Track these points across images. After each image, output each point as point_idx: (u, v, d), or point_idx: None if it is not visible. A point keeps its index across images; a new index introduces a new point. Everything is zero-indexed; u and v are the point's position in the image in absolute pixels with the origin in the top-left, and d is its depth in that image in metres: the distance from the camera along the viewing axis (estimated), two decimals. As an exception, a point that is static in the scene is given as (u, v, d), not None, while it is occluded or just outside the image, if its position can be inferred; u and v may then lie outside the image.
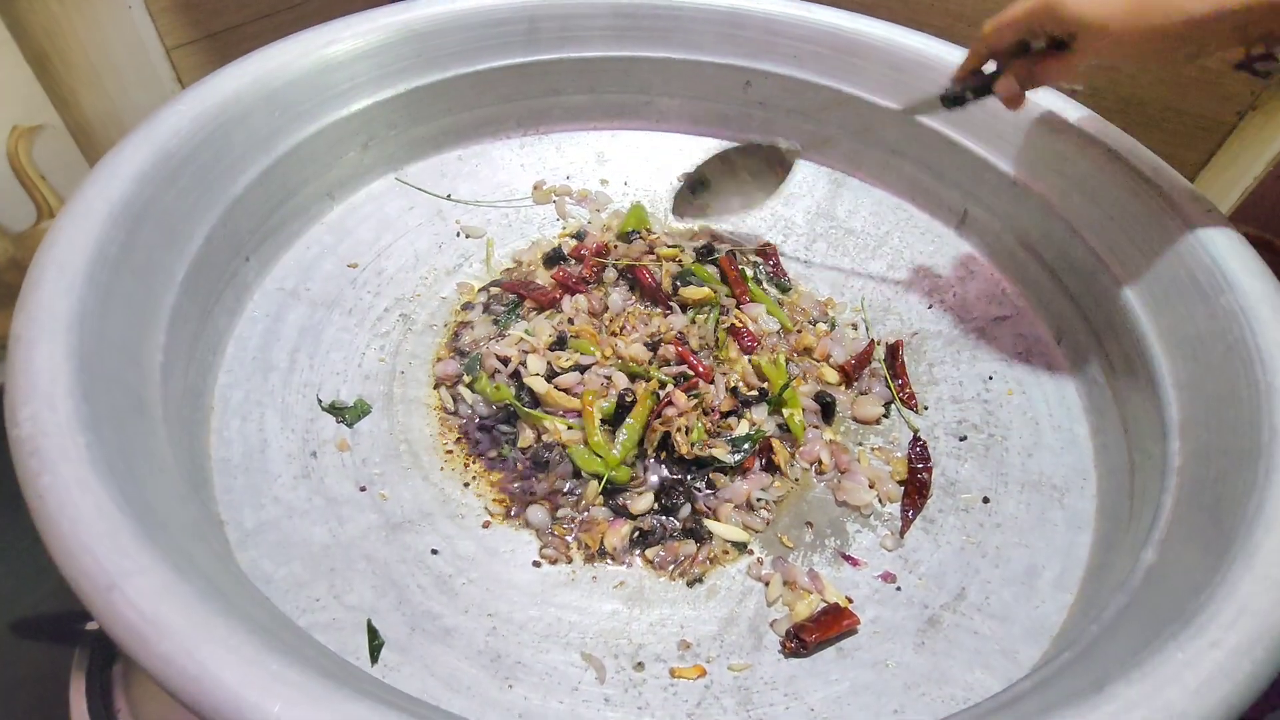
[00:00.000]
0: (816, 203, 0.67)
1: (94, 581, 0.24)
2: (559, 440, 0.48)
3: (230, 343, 0.50)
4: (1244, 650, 0.25)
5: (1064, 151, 0.55)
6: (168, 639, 0.23)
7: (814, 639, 0.41)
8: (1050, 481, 0.48)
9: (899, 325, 0.59)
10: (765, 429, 0.50)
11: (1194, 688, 0.24)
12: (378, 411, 0.50)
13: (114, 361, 0.35)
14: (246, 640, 0.24)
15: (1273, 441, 0.33)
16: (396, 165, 0.64)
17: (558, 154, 0.69)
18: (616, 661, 0.40)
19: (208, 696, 0.22)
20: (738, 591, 0.44)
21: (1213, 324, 0.41)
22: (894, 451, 0.51)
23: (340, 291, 0.56)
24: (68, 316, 0.34)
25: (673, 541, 0.46)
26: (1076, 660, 0.30)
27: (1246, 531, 0.29)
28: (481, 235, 0.63)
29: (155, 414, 0.36)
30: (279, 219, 0.55)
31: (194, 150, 0.46)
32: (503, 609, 0.42)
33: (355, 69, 0.57)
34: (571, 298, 0.56)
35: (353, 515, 0.44)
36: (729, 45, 0.65)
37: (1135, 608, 0.31)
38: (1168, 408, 0.42)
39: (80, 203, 0.39)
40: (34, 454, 0.27)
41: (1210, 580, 0.28)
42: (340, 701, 0.22)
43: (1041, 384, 0.54)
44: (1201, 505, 0.35)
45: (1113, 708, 0.23)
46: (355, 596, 0.40)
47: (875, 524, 0.48)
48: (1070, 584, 0.42)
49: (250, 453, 0.45)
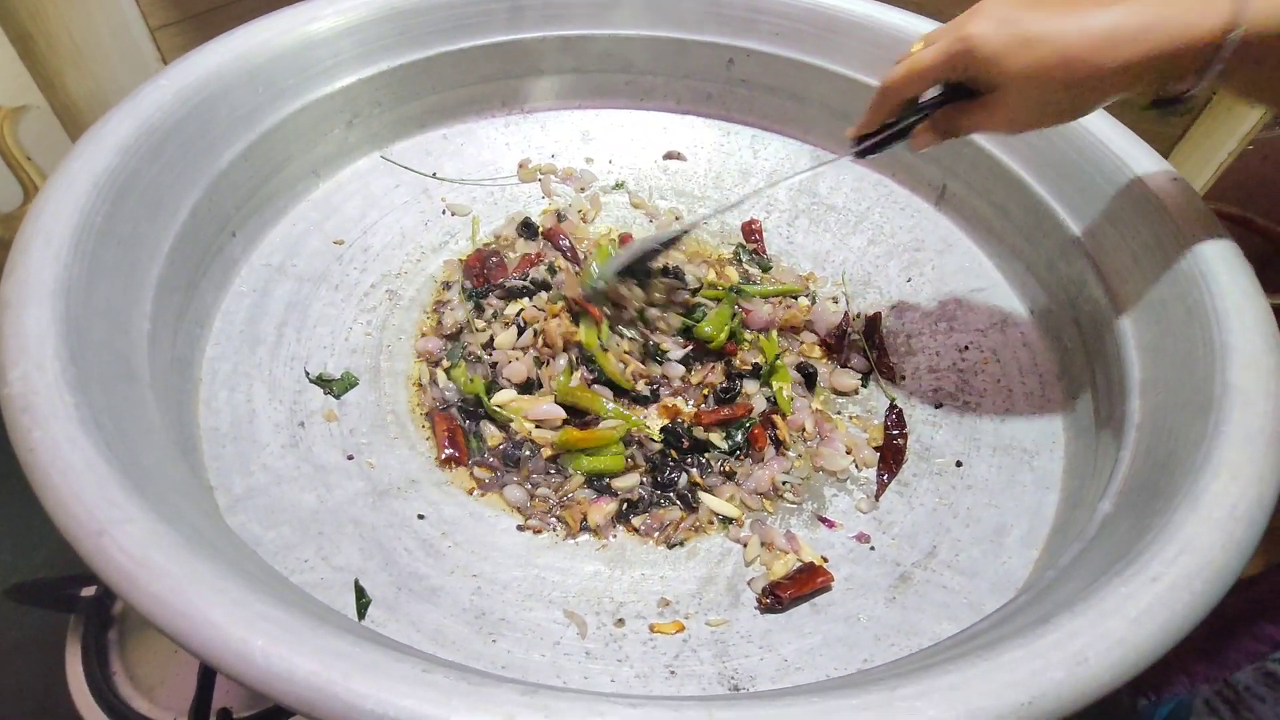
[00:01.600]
0: (799, 179, 0.68)
1: (84, 528, 0.25)
2: (528, 437, 0.48)
3: (218, 316, 0.51)
4: (1183, 584, 0.26)
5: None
6: (156, 580, 0.24)
7: (789, 595, 0.42)
8: (1021, 445, 0.50)
9: (878, 298, 0.60)
10: (755, 403, 0.51)
11: (1133, 617, 0.25)
12: (365, 384, 0.51)
13: (101, 328, 0.36)
14: (232, 582, 0.25)
15: (1224, 396, 0.34)
16: (382, 143, 0.64)
17: (542, 132, 0.69)
18: (598, 618, 0.41)
19: (196, 633, 0.23)
20: (716, 553, 0.46)
21: (1175, 288, 0.43)
22: (871, 419, 0.53)
23: (327, 267, 0.57)
24: (54, 283, 0.34)
25: (659, 509, 0.47)
26: (1030, 603, 0.31)
27: (1194, 478, 0.31)
28: (467, 213, 0.63)
29: (143, 380, 0.37)
30: (264, 195, 0.56)
31: (177, 124, 0.47)
32: (487, 570, 0.43)
33: (338, 46, 0.57)
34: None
35: (340, 482, 0.45)
36: (712, 23, 0.65)
37: (1088, 553, 0.33)
38: (1131, 369, 0.43)
39: (64, 174, 0.40)
40: (25, 411, 0.28)
41: (1157, 523, 0.29)
42: (322, 637, 0.24)
43: (1015, 352, 0.55)
44: (1156, 459, 0.36)
45: (1056, 636, 0.25)
46: (343, 558, 0.41)
47: (851, 488, 0.49)
48: (1037, 541, 0.43)
49: (239, 422, 0.46)
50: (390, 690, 0.22)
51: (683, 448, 0.49)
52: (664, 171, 0.69)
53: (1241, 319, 0.39)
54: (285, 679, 0.22)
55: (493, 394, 0.50)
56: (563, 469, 0.48)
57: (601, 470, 0.48)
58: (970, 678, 0.24)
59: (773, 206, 0.66)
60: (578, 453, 0.48)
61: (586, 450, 0.48)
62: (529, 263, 0.60)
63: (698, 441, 0.49)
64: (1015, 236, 0.58)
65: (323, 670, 0.22)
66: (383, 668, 0.23)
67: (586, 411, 0.49)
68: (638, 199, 0.67)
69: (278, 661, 0.23)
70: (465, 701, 0.22)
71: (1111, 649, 0.24)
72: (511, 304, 0.56)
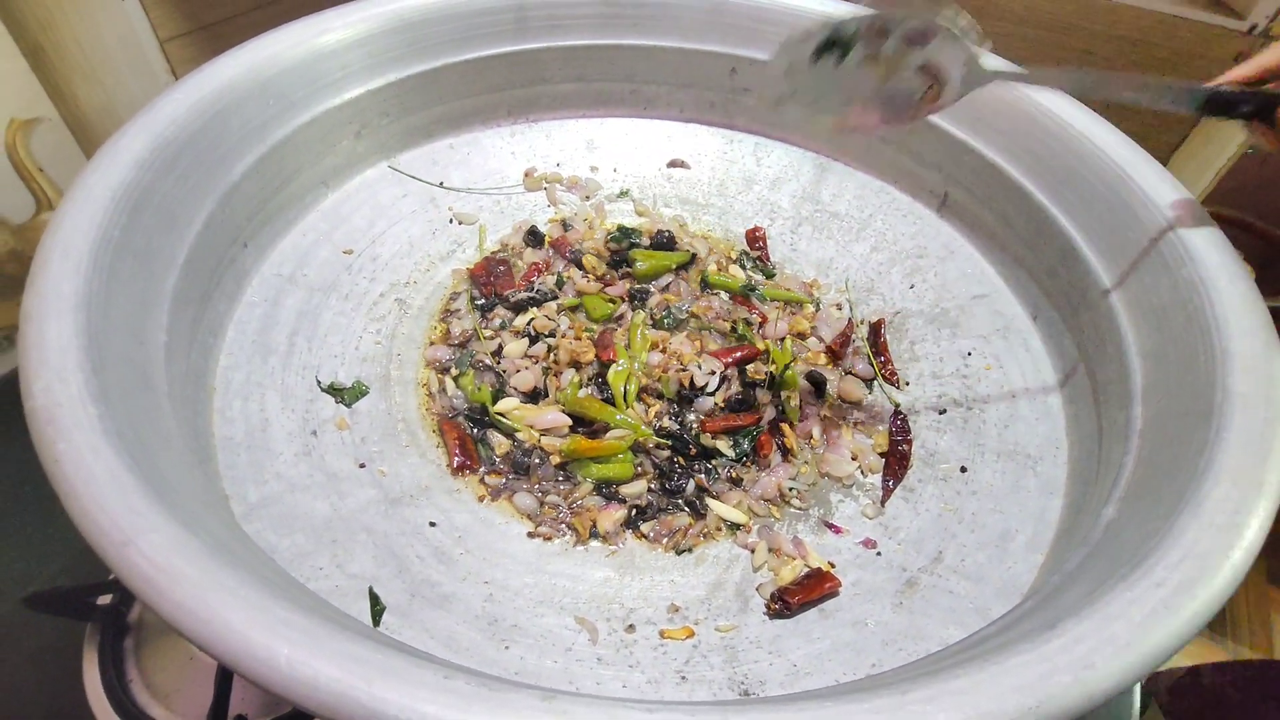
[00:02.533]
0: (802, 187, 0.69)
1: (110, 538, 0.26)
2: (536, 445, 0.49)
3: (230, 326, 0.52)
4: (1186, 588, 0.27)
5: (1040, 135, 0.56)
6: (180, 588, 0.25)
7: (797, 601, 0.43)
8: (1025, 451, 0.50)
9: (881, 305, 0.61)
10: (767, 412, 0.52)
11: (1138, 621, 0.26)
12: (375, 392, 0.52)
13: (120, 340, 0.36)
14: (254, 589, 0.25)
15: (1225, 402, 0.35)
16: (389, 153, 0.65)
17: (547, 141, 0.70)
18: (609, 624, 0.42)
19: (220, 640, 0.24)
20: (725, 559, 0.46)
21: (1175, 295, 0.43)
22: (876, 425, 0.53)
23: (336, 277, 0.57)
24: (74, 297, 0.35)
25: (667, 516, 0.47)
26: (1037, 608, 0.32)
27: (1196, 484, 0.31)
28: (474, 222, 0.64)
29: (160, 390, 0.38)
30: (275, 206, 0.56)
31: (191, 138, 0.47)
32: (498, 576, 0.43)
33: (347, 58, 0.58)
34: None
35: (353, 490, 0.46)
36: (714, 32, 0.66)
37: (1093, 559, 0.33)
38: (1133, 375, 0.44)
39: (82, 188, 0.40)
40: (49, 423, 0.29)
41: (1160, 529, 0.30)
42: (344, 643, 0.24)
43: (1018, 359, 0.56)
44: (1158, 465, 0.36)
45: (1063, 641, 0.25)
46: (357, 566, 0.42)
47: (857, 494, 0.50)
48: (1041, 545, 0.44)
49: (252, 431, 0.47)
50: (412, 695, 0.23)
51: (690, 454, 0.50)
52: (668, 179, 0.69)
53: (1241, 325, 0.39)
54: (309, 684, 0.23)
55: (499, 402, 0.51)
56: (572, 476, 0.49)
57: (610, 477, 0.48)
58: (978, 682, 0.24)
59: (776, 214, 0.67)
60: (586, 460, 0.48)
61: (595, 458, 0.48)
62: (536, 271, 0.61)
63: (704, 449, 0.50)
64: (1017, 244, 0.59)
65: (345, 676, 0.23)
66: (404, 673, 0.23)
67: (593, 420, 0.50)
68: (642, 207, 0.67)
69: (301, 667, 0.23)
70: (486, 706, 0.23)
71: (1117, 654, 0.25)
72: (520, 315, 0.57)
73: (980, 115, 0.60)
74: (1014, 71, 0.41)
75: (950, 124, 0.61)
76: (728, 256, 0.63)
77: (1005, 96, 0.57)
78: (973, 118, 0.60)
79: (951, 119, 0.61)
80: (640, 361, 0.53)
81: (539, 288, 0.59)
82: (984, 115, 0.59)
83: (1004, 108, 0.58)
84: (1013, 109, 0.58)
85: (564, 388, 0.52)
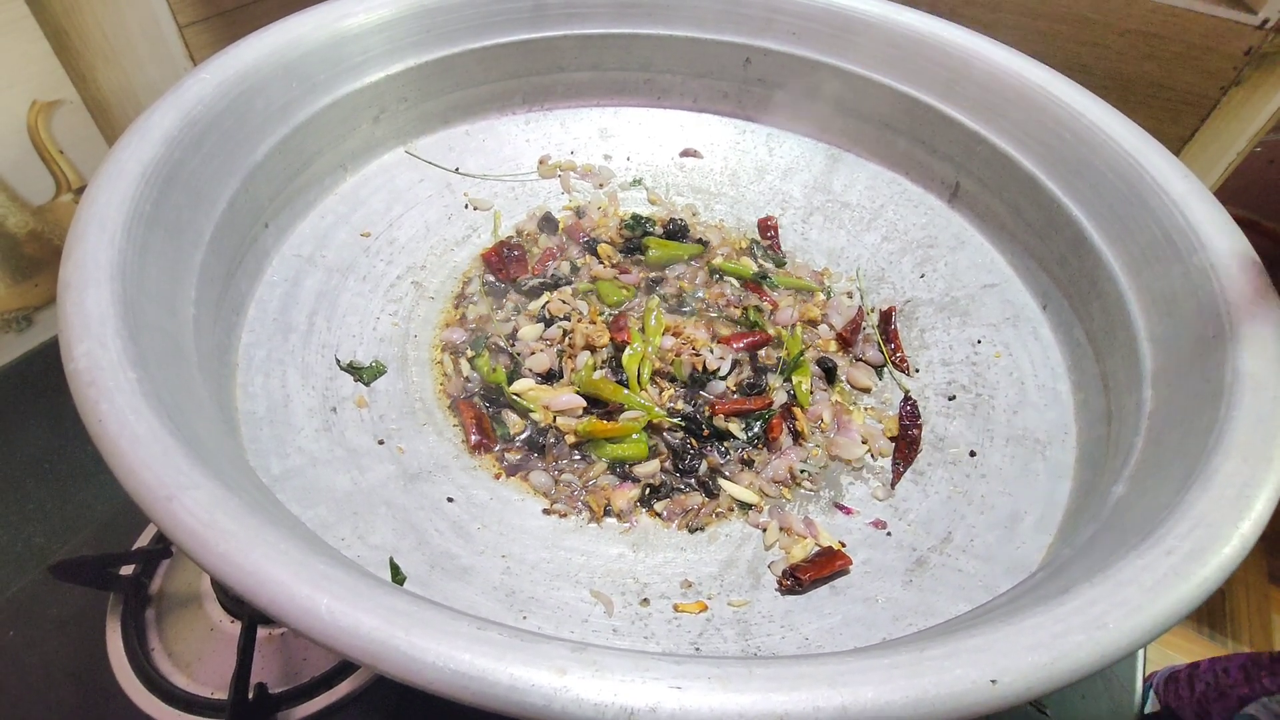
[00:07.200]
0: (814, 177, 0.69)
1: (154, 494, 0.27)
2: (551, 424, 0.50)
3: (252, 305, 0.53)
4: (1196, 555, 0.27)
5: (1052, 125, 0.57)
6: (224, 541, 0.25)
7: (809, 578, 0.43)
8: (1034, 435, 0.51)
9: (892, 293, 0.62)
10: (778, 396, 0.52)
11: (1149, 586, 0.26)
12: (393, 372, 0.53)
13: (154, 310, 0.37)
14: (295, 545, 0.26)
15: (1235, 383, 0.36)
16: (406, 138, 0.66)
17: (562, 129, 0.70)
18: (623, 598, 0.43)
19: (264, 590, 0.25)
20: (737, 538, 0.47)
21: (1186, 282, 0.44)
22: (886, 410, 0.54)
23: (354, 259, 0.58)
24: (110, 267, 0.36)
25: (680, 495, 0.48)
26: (1049, 578, 0.32)
27: (1206, 459, 0.32)
28: (489, 208, 0.65)
29: (192, 360, 0.39)
30: (296, 188, 0.57)
31: (217, 117, 0.48)
32: (515, 550, 0.44)
33: (368, 42, 0.59)
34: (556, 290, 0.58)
35: (372, 465, 0.47)
36: (729, 22, 0.67)
37: (1104, 532, 0.34)
38: (1143, 361, 0.44)
39: (114, 163, 0.41)
40: (91, 384, 0.29)
41: (1170, 503, 0.30)
42: (383, 595, 0.25)
43: (1027, 346, 0.56)
44: (1168, 444, 0.37)
45: (1077, 603, 0.26)
46: (378, 537, 0.43)
47: (867, 476, 0.51)
48: (1050, 527, 0.45)
49: (274, 407, 0.48)
50: (450, 644, 0.23)
51: (703, 436, 0.50)
52: (681, 168, 0.70)
53: (1252, 309, 0.40)
54: (351, 633, 0.24)
55: (514, 383, 0.52)
56: (587, 455, 0.49)
57: (625, 457, 0.49)
58: (994, 640, 0.25)
59: (788, 203, 0.68)
60: (601, 441, 0.49)
61: (610, 439, 0.49)
62: (550, 256, 0.61)
63: (717, 430, 0.51)
64: (1027, 233, 0.59)
65: (385, 625, 0.24)
66: (440, 625, 0.24)
67: (608, 402, 0.51)
68: (655, 195, 0.68)
69: (342, 617, 0.24)
70: (520, 655, 0.23)
71: (1129, 615, 0.26)
72: (534, 300, 0.57)
73: (992, 105, 0.60)
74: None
75: (962, 114, 0.62)
76: (739, 246, 0.64)
77: (1017, 87, 0.58)
78: (985, 108, 0.61)
79: (964, 110, 0.62)
80: (654, 345, 0.54)
81: (553, 273, 0.60)
82: (996, 105, 0.60)
83: (1016, 98, 0.59)
84: (1025, 99, 0.58)
85: (579, 370, 0.52)
